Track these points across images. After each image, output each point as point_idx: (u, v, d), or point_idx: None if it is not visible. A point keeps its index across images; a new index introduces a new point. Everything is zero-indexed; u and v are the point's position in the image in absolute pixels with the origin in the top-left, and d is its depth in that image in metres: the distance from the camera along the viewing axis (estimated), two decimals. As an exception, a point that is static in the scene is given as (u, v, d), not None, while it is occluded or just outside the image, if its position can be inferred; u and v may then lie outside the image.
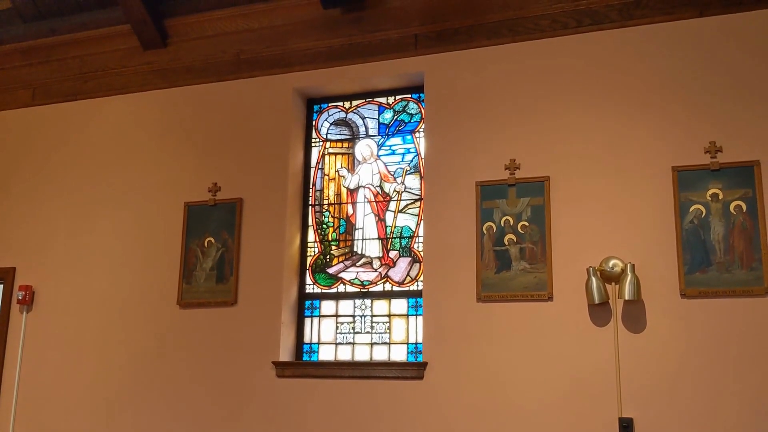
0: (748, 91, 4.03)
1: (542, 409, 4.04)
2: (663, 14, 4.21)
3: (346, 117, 5.05)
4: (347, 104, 5.06)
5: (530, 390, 4.09)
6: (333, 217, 4.92)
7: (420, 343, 4.48)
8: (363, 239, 4.81)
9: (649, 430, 3.84)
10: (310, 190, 4.99)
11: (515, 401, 4.10)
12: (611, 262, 4.01)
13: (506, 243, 4.29)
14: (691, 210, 4.00)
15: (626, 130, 4.20)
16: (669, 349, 3.90)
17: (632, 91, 4.23)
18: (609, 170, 4.19)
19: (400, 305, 4.64)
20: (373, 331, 4.65)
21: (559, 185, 4.27)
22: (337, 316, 4.75)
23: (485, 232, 4.34)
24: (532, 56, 4.47)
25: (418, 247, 4.66)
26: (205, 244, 4.89)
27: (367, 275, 4.74)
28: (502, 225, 4.32)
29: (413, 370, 4.32)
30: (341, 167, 4.98)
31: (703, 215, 3.97)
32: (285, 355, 4.65)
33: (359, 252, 4.81)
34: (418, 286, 4.60)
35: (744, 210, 3.91)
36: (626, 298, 3.90)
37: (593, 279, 3.99)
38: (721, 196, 3.97)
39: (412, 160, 4.82)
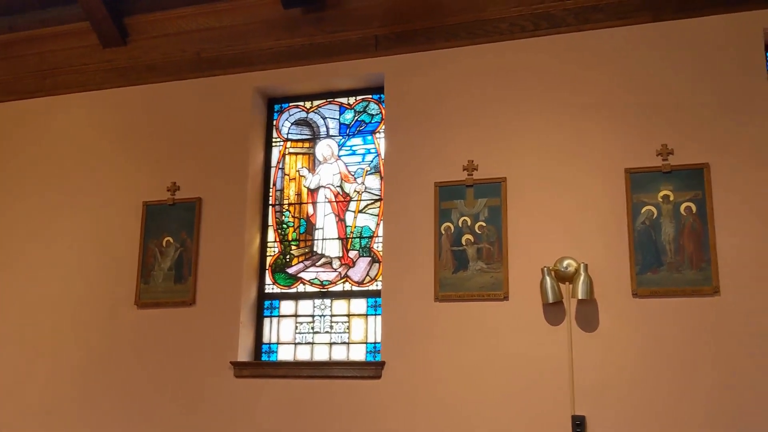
0: (699, 95, 4.12)
1: (497, 406, 4.08)
2: (618, 18, 4.29)
3: (307, 117, 5.06)
4: (308, 104, 5.06)
5: (485, 388, 4.12)
6: (293, 217, 4.92)
7: (378, 343, 4.49)
8: (323, 239, 4.82)
9: (601, 428, 3.91)
10: (271, 190, 4.98)
11: (471, 399, 4.13)
12: (565, 262, 4.07)
13: (464, 243, 4.32)
14: (643, 211, 4.07)
15: (581, 132, 4.27)
16: (621, 348, 3.97)
17: (587, 94, 4.29)
18: (564, 172, 4.25)
19: (359, 305, 4.65)
20: (333, 330, 4.66)
21: (515, 186, 4.32)
22: (296, 315, 4.75)
23: (443, 232, 4.38)
24: (491, 58, 4.52)
25: (377, 247, 4.68)
26: (164, 243, 4.85)
27: (327, 275, 4.75)
28: (460, 225, 4.35)
29: (371, 369, 4.33)
30: (302, 167, 4.99)
31: (655, 216, 4.05)
32: (243, 355, 4.64)
33: (319, 252, 4.81)
34: (377, 285, 4.62)
35: (694, 211, 4.00)
36: (579, 297, 3.96)
37: (547, 279, 4.04)
38: (672, 198, 4.05)
39: (372, 161, 4.84)
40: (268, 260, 4.88)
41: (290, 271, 4.82)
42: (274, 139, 5.08)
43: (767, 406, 3.70)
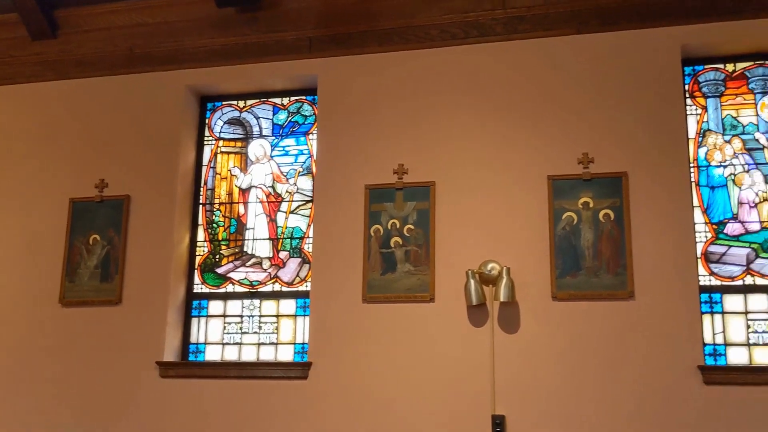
0: (620, 106, 4.27)
1: (421, 406, 4.15)
2: (544, 30, 4.41)
3: (240, 116, 5.04)
4: (241, 103, 5.05)
5: (410, 388, 4.19)
6: (224, 216, 4.90)
7: (307, 344, 4.52)
8: (254, 239, 4.82)
9: (521, 427, 4.02)
10: (201, 189, 4.95)
11: (395, 399, 4.19)
12: (489, 266, 4.17)
13: (392, 245, 4.39)
14: (564, 217, 4.20)
15: (507, 139, 4.38)
16: (540, 349, 4.09)
17: (514, 103, 4.41)
18: (490, 178, 4.35)
19: (288, 306, 4.67)
20: (261, 331, 4.66)
21: (444, 191, 4.40)
22: (225, 316, 4.74)
23: (372, 234, 4.43)
24: (423, 64, 4.59)
25: (308, 248, 4.70)
26: (90, 241, 4.77)
27: (257, 275, 4.75)
28: (389, 228, 4.41)
29: (298, 370, 4.36)
30: (233, 166, 4.97)
31: (575, 222, 4.19)
32: (170, 355, 4.60)
33: (249, 252, 4.80)
34: (307, 286, 4.64)
35: (612, 218, 4.15)
36: (501, 300, 4.07)
37: (472, 281, 4.14)
38: (591, 205, 4.19)
39: (305, 162, 4.86)
40: (198, 260, 4.85)
41: (219, 271, 4.81)
42: (206, 138, 5.05)
43: (677, 404, 3.86)
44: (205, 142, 5.05)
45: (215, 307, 4.76)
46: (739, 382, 3.83)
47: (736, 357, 4.03)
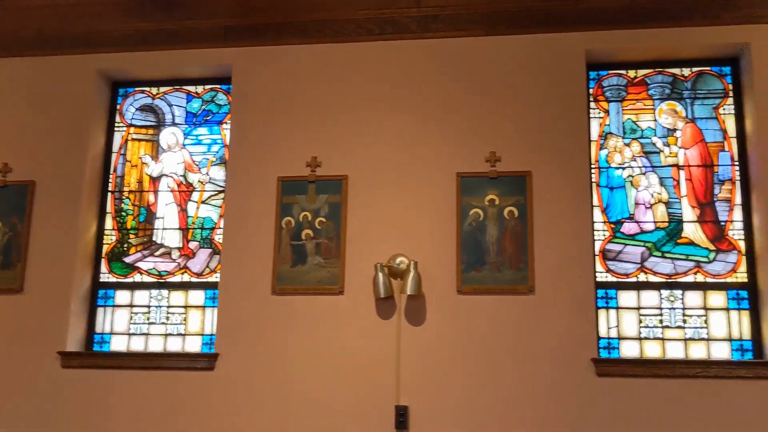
0: (526, 107, 4.41)
1: (327, 398, 4.20)
2: (456, 30, 4.51)
3: (152, 103, 4.95)
4: (154, 90, 4.96)
5: (317, 380, 4.23)
6: (133, 205, 4.81)
7: (215, 335, 4.49)
8: (163, 229, 4.75)
9: (423, 417, 4.11)
10: (111, 176, 4.85)
11: (302, 391, 4.23)
12: (398, 259, 4.25)
13: (303, 238, 4.41)
14: (470, 213, 4.32)
15: (419, 136, 4.46)
16: (445, 342, 4.20)
17: (426, 100, 4.49)
18: (401, 173, 4.42)
19: (197, 297, 4.63)
20: (169, 322, 4.61)
21: (356, 184, 4.45)
22: (132, 306, 4.66)
23: (284, 226, 4.44)
24: (338, 58, 4.62)
25: (219, 239, 4.67)
26: (-9, 227, 4.62)
27: (166, 266, 4.69)
28: (301, 220, 4.43)
29: (204, 361, 4.33)
30: (144, 154, 4.88)
31: (481, 218, 4.31)
32: (73, 345, 4.50)
33: (158, 242, 4.74)
34: (217, 277, 4.61)
35: (516, 215, 4.29)
36: (408, 293, 4.15)
37: (380, 274, 4.20)
38: (497, 202, 4.32)
39: (218, 151, 4.82)
40: (105, 248, 4.75)
41: (127, 260, 4.72)
42: (116, 124, 4.94)
43: (572, 394, 4.03)
44: (116, 129, 4.94)
45: (122, 296, 4.68)
46: (630, 374, 4.03)
47: (629, 350, 4.24)
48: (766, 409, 3.87)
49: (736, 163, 4.35)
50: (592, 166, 4.45)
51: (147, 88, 4.97)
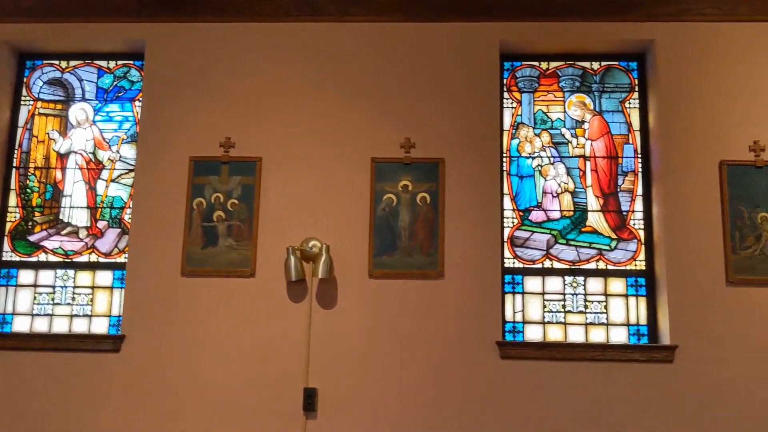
0: (441, 95, 4.46)
1: (236, 381, 4.19)
2: (374, 14, 4.52)
3: (61, 77, 4.79)
4: (64, 64, 4.79)
5: (226, 363, 4.21)
6: (39, 182, 4.65)
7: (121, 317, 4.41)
8: (71, 207, 4.61)
9: (331, 400, 4.15)
10: (16, 152, 4.67)
11: (210, 374, 4.20)
12: (311, 243, 4.26)
13: (215, 219, 4.36)
14: (384, 198, 4.36)
15: (335, 120, 4.46)
16: (355, 325, 4.24)
17: (343, 84, 4.49)
18: (316, 156, 4.42)
19: (105, 277, 4.52)
20: (75, 303, 4.50)
21: (270, 167, 4.42)
22: (35, 286, 4.52)
23: (195, 207, 4.38)
24: (255, 38, 4.57)
25: (129, 218, 4.57)
26: None
27: (72, 245, 4.56)
28: (213, 201, 4.38)
29: (109, 343, 4.25)
30: (52, 130, 4.72)
31: (394, 204, 4.35)
32: (-29, 326, 4.35)
33: (65, 220, 4.60)
34: (125, 258, 4.51)
35: (428, 201, 4.35)
36: (320, 276, 4.17)
37: (292, 258, 4.20)
38: (410, 188, 4.37)
39: (129, 129, 4.70)
40: (8, 226, 4.58)
41: (32, 238, 4.57)
42: (23, 98, 4.75)
43: (476, 377, 4.13)
44: (22, 103, 4.75)
45: (25, 276, 4.53)
46: (532, 357, 4.17)
47: (533, 334, 4.38)
48: (659, 391, 4.07)
49: (639, 155, 4.52)
50: (504, 155, 4.56)
51: (56, 62, 4.80)
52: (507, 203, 4.51)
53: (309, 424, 4.12)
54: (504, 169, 4.53)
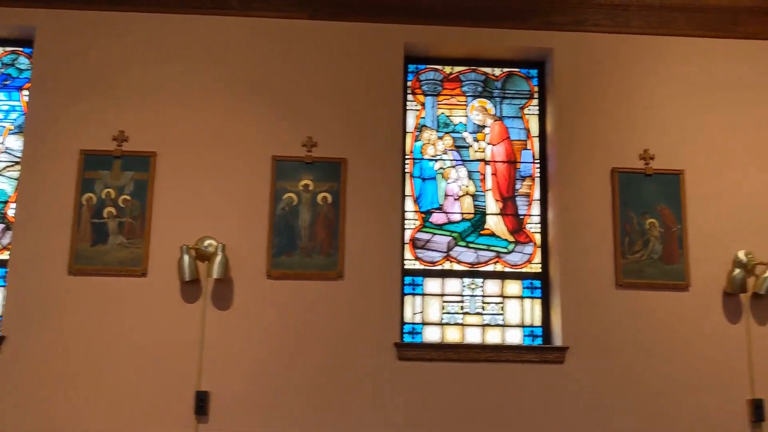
0: (345, 95, 4.43)
1: (125, 385, 4.02)
2: (278, 11, 4.45)
3: (-59, 62, 4.50)
4: (-56, 48, 4.51)
5: (116, 366, 4.04)
6: None
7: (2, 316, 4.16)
8: (-52, 200, 4.34)
9: (225, 403, 4.03)
10: None
11: (98, 377, 4.02)
12: (206, 242, 4.15)
13: (105, 216, 4.19)
14: (284, 197, 4.29)
15: (235, 115, 4.36)
16: (251, 327, 4.14)
17: (245, 80, 4.40)
18: (215, 153, 4.31)
19: (-15, 275, 4.27)
20: (-50, 302, 4.22)
21: (165, 162, 4.28)
22: None
23: (84, 203, 4.20)
24: (153, 29, 4.42)
25: (14, 213, 4.32)
26: None
27: (-51, 240, 4.28)
28: (103, 197, 4.21)
29: (-13, 344, 4.01)
30: (-71, 118, 4.43)
31: (294, 203, 4.29)
32: None
33: (-58, 214, 4.32)
34: (9, 255, 4.27)
35: (329, 201, 4.31)
36: (215, 276, 4.06)
37: (186, 257, 4.08)
38: (311, 187, 4.32)
39: (16, 119, 4.46)
40: None
41: None
42: None
43: (374, 378, 4.11)
44: None
45: None
46: (428, 358, 4.18)
47: (432, 335, 4.40)
48: (551, 391, 4.16)
49: (537, 161, 4.63)
50: (407, 156, 4.57)
51: (-64, 45, 4.51)
52: (409, 205, 4.52)
53: (200, 429, 4.00)
54: (407, 170, 4.54)
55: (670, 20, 4.57)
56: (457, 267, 4.49)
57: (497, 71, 4.74)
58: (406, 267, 4.43)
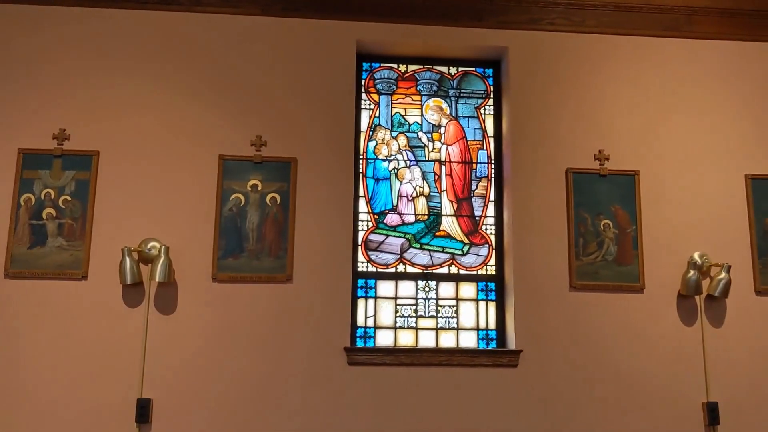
0: (296, 93, 4.32)
1: (64, 392, 3.86)
2: (229, 6, 4.33)
3: None
4: None
5: (54, 372, 3.88)
6: None
7: (-66, 322, 3.98)
8: None
9: (167, 411, 3.89)
10: None
11: (37, 384, 3.85)
12: (149, 244, 4.01)
13: (44, 217, 4.03)
14: (231, 198, 4.16)
15: (181, 114, 4.23)
16: (196, 331, 4.01)
17: (191, 77, 4.27)
18: (160, 151, 4.18)
19: None
20: None
21: (108, 161, 4.14)
22: None
23: (22, 203, 4.04)
24: (95, 24, 4.27)
25: (-51, 214, 4.15)
26: None
27: None
28: (42, 198, 4.05)
29: None
30: None
31: (242, 204, 4.17)
32: None
33: None
34: (-58, 258, 4.09)
35: (278, 202, 4.19)
36: (157, 280, 3.92)
37: (127, 259, 3.94)
38: (260, 188, 4.20)
39: (-49, 117, 4.28)
40: None
41: None
42: None
43: (323, 384, 4.00)
44: None
45: None
46: (380, 362, 4.07)
47: (385, 339, 4.30)
48: (504, 395, 4.08)
49: (493, 161, 4.55)
50: (360, 156, 4.47)
51: None
52: (362, 206, 4.42)
53: (142, 438, 3.86)
54: (360, 171, 4.44)
55: (626, 20, 4.53)
56: (410, 269, 4.39)
57: (453, 70, 4.66)
58: (358, 270, 4.32)
